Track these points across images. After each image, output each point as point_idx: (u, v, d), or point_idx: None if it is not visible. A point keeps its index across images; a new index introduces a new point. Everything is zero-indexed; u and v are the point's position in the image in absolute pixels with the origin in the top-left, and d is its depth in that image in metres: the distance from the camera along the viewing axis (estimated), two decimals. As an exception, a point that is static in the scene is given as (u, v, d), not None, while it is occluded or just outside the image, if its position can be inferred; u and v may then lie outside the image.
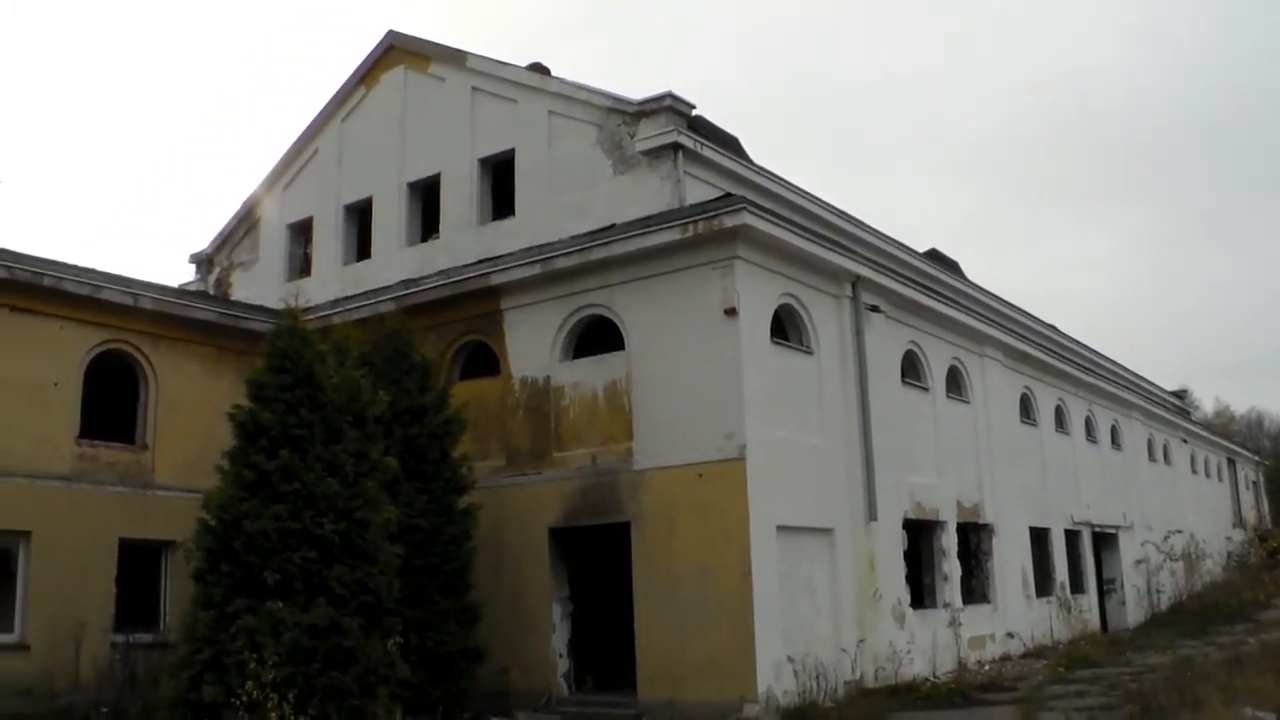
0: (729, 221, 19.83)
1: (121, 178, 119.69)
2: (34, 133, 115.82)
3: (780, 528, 20.22)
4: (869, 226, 29.53)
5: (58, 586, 21.10)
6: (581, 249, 21.66)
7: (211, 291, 31.27)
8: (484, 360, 23.60)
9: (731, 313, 20.05)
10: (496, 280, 22.74)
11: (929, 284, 28.59)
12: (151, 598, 23.08)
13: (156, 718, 17.78)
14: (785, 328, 21.99)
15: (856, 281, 23.27)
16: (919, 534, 25.49)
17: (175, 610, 21.65)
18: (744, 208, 19.91)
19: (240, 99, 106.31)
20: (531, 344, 22.54)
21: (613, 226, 21.92)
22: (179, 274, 37.16)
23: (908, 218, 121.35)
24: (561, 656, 21.59)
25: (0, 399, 21.02)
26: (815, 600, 21.13)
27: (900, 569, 23.94)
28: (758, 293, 20.75)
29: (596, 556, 22.35)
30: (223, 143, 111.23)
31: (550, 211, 24.37)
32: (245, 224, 31.78)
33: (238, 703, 12.76)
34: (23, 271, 21.52)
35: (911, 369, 26.19)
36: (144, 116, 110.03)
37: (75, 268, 22.72)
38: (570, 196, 24.27)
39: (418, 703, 17.13)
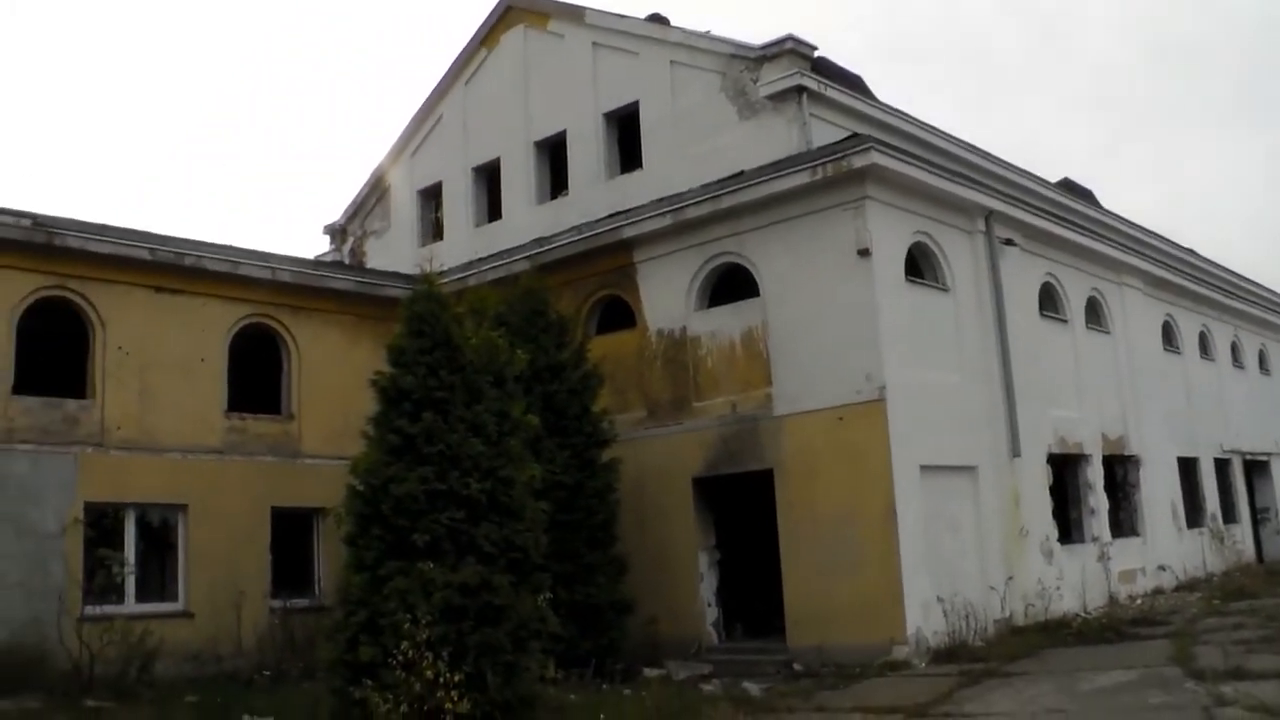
0: (857, 162, 19.66)
1: (248, 154, 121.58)
2: (165, 117, 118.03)
3: (923, 467, 20.07)
4: (999, 159, 28.99)
5: (216, 556, 21.80)
6: (711, 197, 21.63)
7: (346, 261, 31.79)
8: (619, 314, 23.70)
9: (865, 253, 19.90)
10: (628, 233, 22.81)
11: (1063, 214, 28.03)
12: (305, 563, 23.72)
13: (316, 679, 18.27)
14: (919, 266, 21.75)
15: (989, 215, 22.90)
16: (1063, 468, 25.14)
17: (329, 575, 22.18)
18: (872, 147, 19.70)
19: (357, 70, 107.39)
20: (666, 295, 22.58)
21: (741, 173, 21.83)
22: (314, 246, 37.81)
23: (1038, 149, 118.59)
24: (710, 605, 21.71)
25: (152, 377, 21.73)
26: (961, 539, 20.96)
27: (1046, 504, 23.65)
28: (890, 232, 20.56)
29: (740, 504, 22.36)
30: (344, 115, 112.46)
31: (678, 162, 24.30)
32: (375, 193, 32.21)
33: (394, 662, 12.97)
34: (165, 253, 22.15)
35: (1049, 301, 25.75)
36: (262, 96, 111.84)
37: (215, 245, 23.27)
38: (697, 146, 24.17)
39: (569, 656, 17.28)
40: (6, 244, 20.51)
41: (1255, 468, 36.30)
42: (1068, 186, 35.48)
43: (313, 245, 47.93)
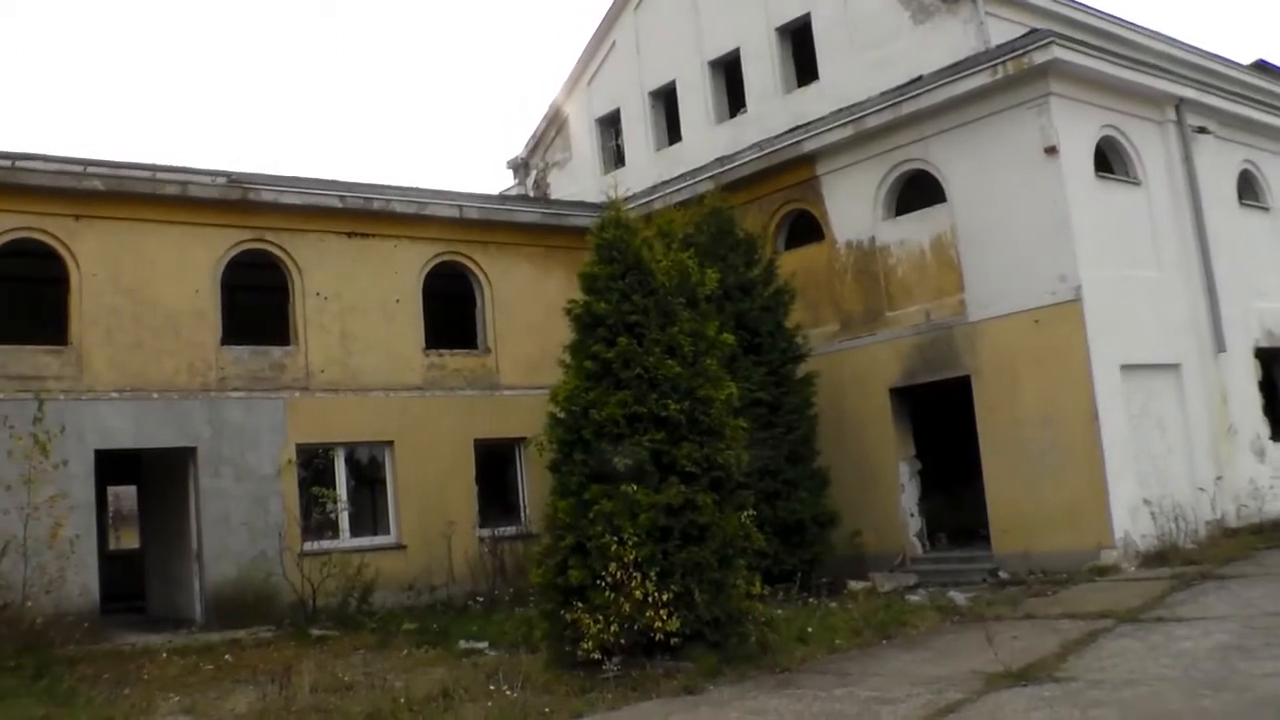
0: (1038, 58, 19.22)
1: (430, 93, 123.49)
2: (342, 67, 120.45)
3: (1124, 367, 19.70)
4: (1186, 45, 27.88)
5: (424, 489, 22.52)
6: (891, 104, 21.41)
7: (531, 194, 32.10)
8: (806, 228, 23.61)
9: (1052, 151, 19.50)
10: (809, 147, 22.68)
11: (1259, 98, 26.90)
12: (509, 493, 24.29)
13: (527, 603, 18.73)
14: (1109, 161, 21.23)
15: (1180, 104, 22.17)
16: (1272, 363, 24.33)
17: (533, 502, 22.77)
18: (1053, 41, 19.24)
19: (531, 2, 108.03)
20: (852, 206, 22.43)
21: (920, 78, 21.52)
22: (498, 181, 38.34)
23: (1227, 34, 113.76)
24: (912, 516, 21.66)
25: (352, 321, 22.47)
26: (1167, 439, 20.55)
27: (1255, 401, 23.02)
28: (1076, 128, 20.09)
29: (938, 413, 22.20)
30: (521, 48, 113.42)
31: (854, 71, 23.93)
32: (554, 124, 32.40)
33: (602, 584, 13.18)
34: (354, 199, 22.81)
35: (1248, 189, 24.85)
36: (440, 36, 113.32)
37: (402, 188, 23.86)
38: (872, 53, 23.77)
39: (774, 572, 17.42)
40: (205, 203, 21.47)
41: None
42: (1262, 68, 33.99)
43: (497, 180, 48.62)
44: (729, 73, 27.80)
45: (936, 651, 13.74)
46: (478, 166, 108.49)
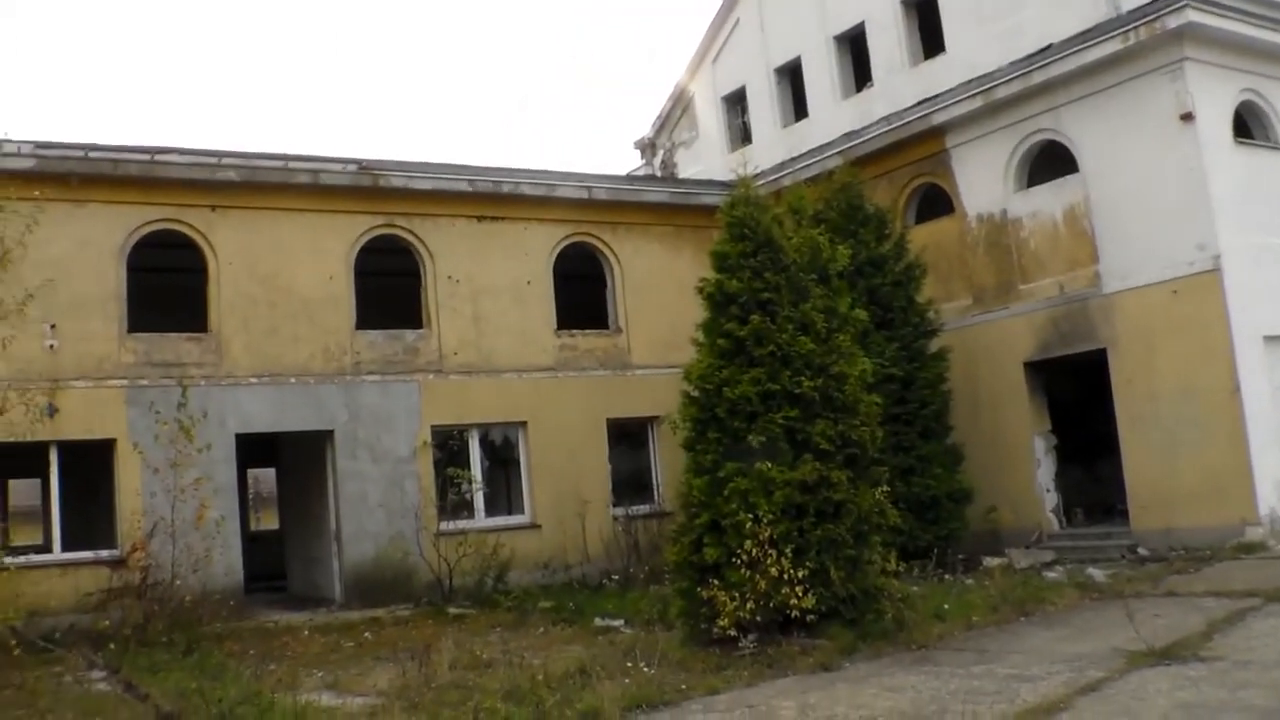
0: (1171, 22, 18.87)
1: (555, 75, 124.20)
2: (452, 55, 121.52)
3: (1267, 338, 19.32)
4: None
5: (557, 469, 22.77)
6: (1021, 74, 21.16)
7: (658, 173, 32.13)
8: (936, 201, 23.39)
9: (1188, 118, 19.15)
10: (938, 119, 22.49)
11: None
12: (642, 471, 24.39)
13: (662, 581, 18.82)
14: (1249, 126, 20.75)
15: (1324, 64, 21.48)
16: None
17: (666, 481, 22.86)
18: (1187, 4, 18.87)
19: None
20: (982, 178, 22.19)
21: (1049, 47, 21.18)
22: (625, 162, 38.56)
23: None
24: (1048, 491, 21.39)
25: (484, 303, 22.79)
26: (1316, 413, 19.95)
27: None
28: (1213, 92, 19.68)
29: (1073, 386, 21.89)
30: (646, 27, 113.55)
31: (981, 41, 23.52)
32: (680, 104, 32.36)
33: (738, 561, 13.20)
34: (483, 182, 23.11)
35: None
36: (565, 19, 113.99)
37: (530, 171, 24.08)
38: (1000, 23, 23.32)
39: (910, 548, 17.35)
40: (337, 190, 21.95)
41: None
42: None
43: (624, 161, 48.74)
44: (854, 46, 27.53)
45: (1076, 629, 13.57)
46: (601, 148, 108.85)
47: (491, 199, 23.25)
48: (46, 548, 20.91)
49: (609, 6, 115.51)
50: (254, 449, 23.19)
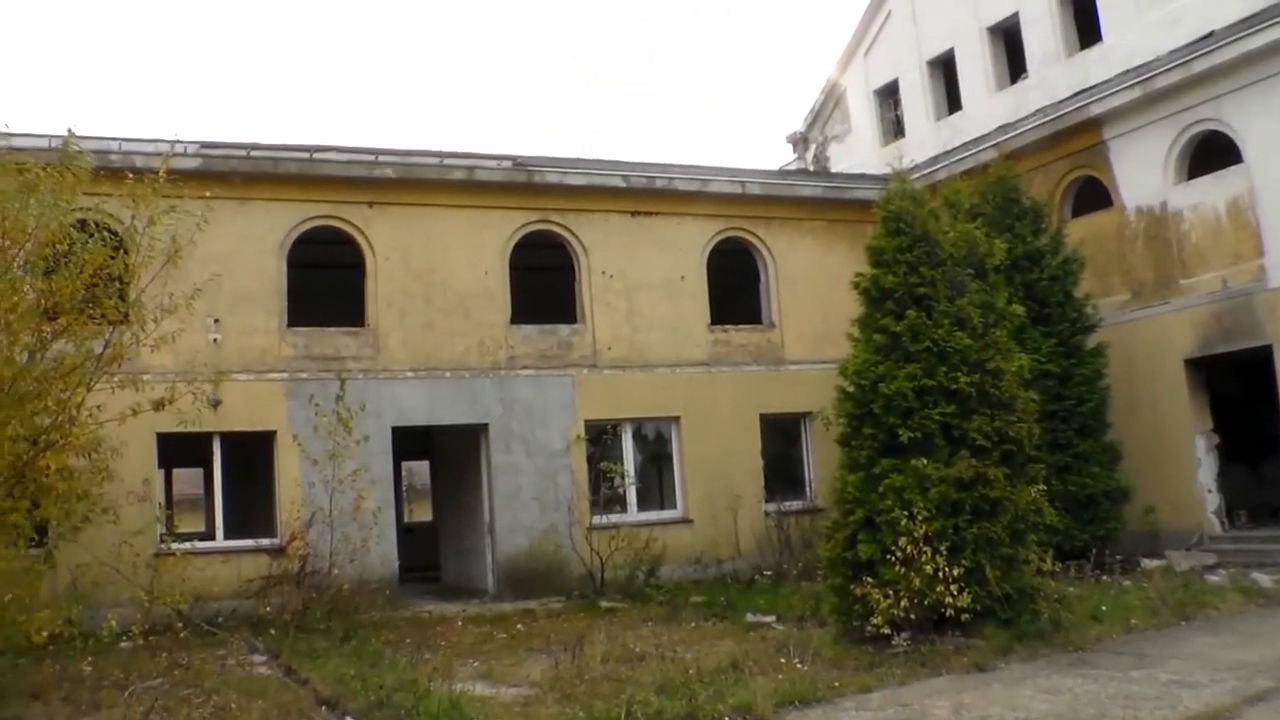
0: (1343, 4, 18.23)
1: (705, 69, 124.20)
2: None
3: None
4: None
5: (709, 464, 22.80)
6: (1181, 63, 20.64)
7: (810, 168, 31.99)
8: (1093, 194, 22.94)
9: (1359, 105, 18.46)
10: (1096, 110, 22.05)
11: None
12: (795, 467, 24.31)
13: (815, 578, 18.76)
14: None
15: None
16: None
17: (819, 476, 22.75)
18: (1359, -15, 18.18)
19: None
20: (1141, 170, 21.69)
21: (1211, 34, 20.62)
22: (777, 156, 38.50)
23: None
24: (1210, 492, 20.83)
25: (637, 298, 22.97)
26: None
27: None
28: (1392, 74, 18.94)
29: (1236, 385, 21.33)
30: (796, 19, 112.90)
31: (1139, 29, 22.95)
32: (832, 98, 32.18)
33: (892, 558, 13.15)
34: (637, 178, 23.27)
35: None
36: (715, 13, 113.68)
37: (683, 166, 24.23)
38: (1158, 10, 22.72)
39: (1066, 548, 17.12)
40: (491, 186, 22.27)
41: None
42: None
43: (776, 156, 48.58)
44: (1008, 37, 27.11)
45: (1241, 635, 13.29)
46: (747, 142, 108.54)
47: (645, 194, 23.39)
48: (209, 535, 21.54)
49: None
50: (407, 442, 23.55)
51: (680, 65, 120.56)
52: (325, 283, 22.11)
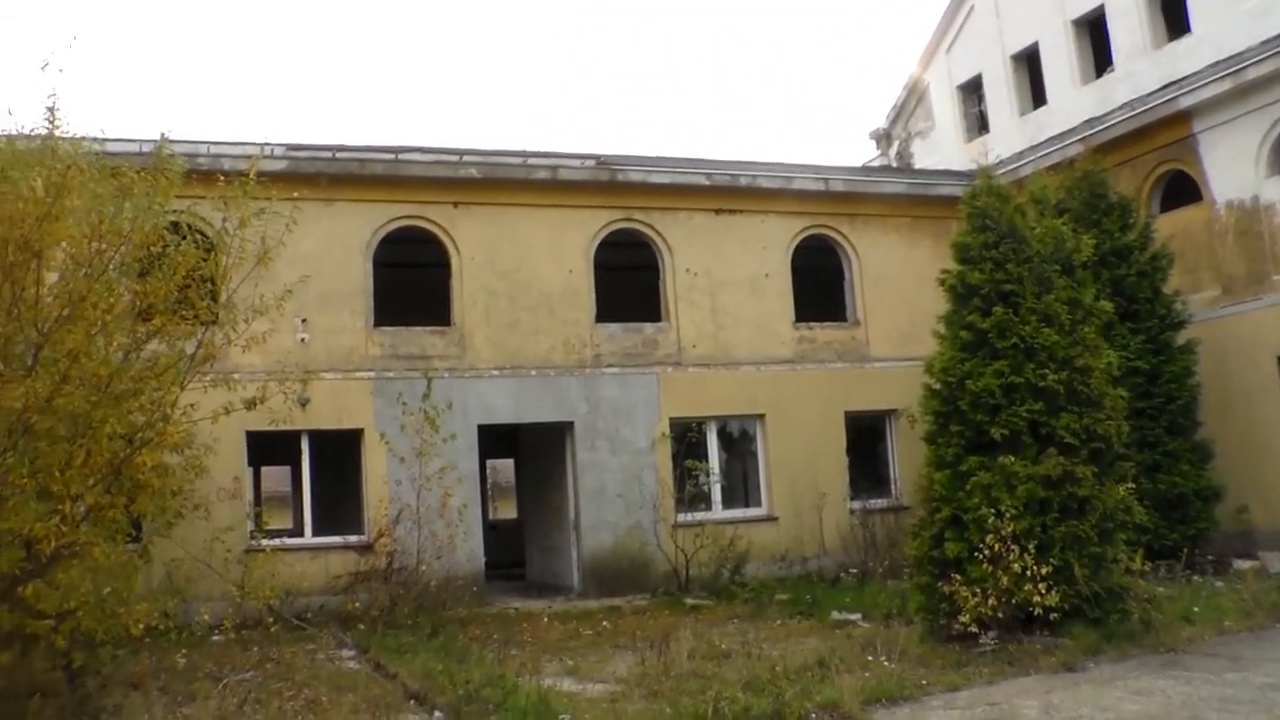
0: None
1: (788, 65, 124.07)
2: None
3: None
4: None
5: (794, 462, 22.74)
6: (1273, 54, 20.36)
7: (894, 164, 31.85)
8: (1182, 188, 22.60)
9: None
10: (1185, 103, 21.72)
11: None
12: (879, 465, 24.20)
13: (900, 576, 18.69)
14: None
15: None
16: None
17: (904, 474, 22.61)
18: None
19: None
20: (1232, 164, 21.32)
21: (1304, 25, 20.27)
22: (860, 153, 38.48)
23: None
24: (1305, 492, 20.45)
25: (722, 296, 22.99)
26: None
27: None
28: None
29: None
30: (879, 15, 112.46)
31: (1228, 20, 22.56)
32: (915, 94, 32.01)
33: (979, 556, 13.11)
34: (721, 175, 23.29)
35: None
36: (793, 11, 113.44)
37: (767, 164, 24.25)
38: (1247, 1, 22.44)
39: (1156, 547, 16.94)
40: (575, 185, 22.38)
41: None
42: None
43: (858, 152, 48.41)
44: (1093, 30, 26.79)
45: (1340, 638, 13.08)
46: (830, 140, 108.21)
47: (729, 192, 23.37)
48: (298, 532, 21.82)
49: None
50: (492, 440, 23.69)
51: (761, 63, 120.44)
52: (410, 282, 22.30)
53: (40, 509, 11.49)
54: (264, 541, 18.66)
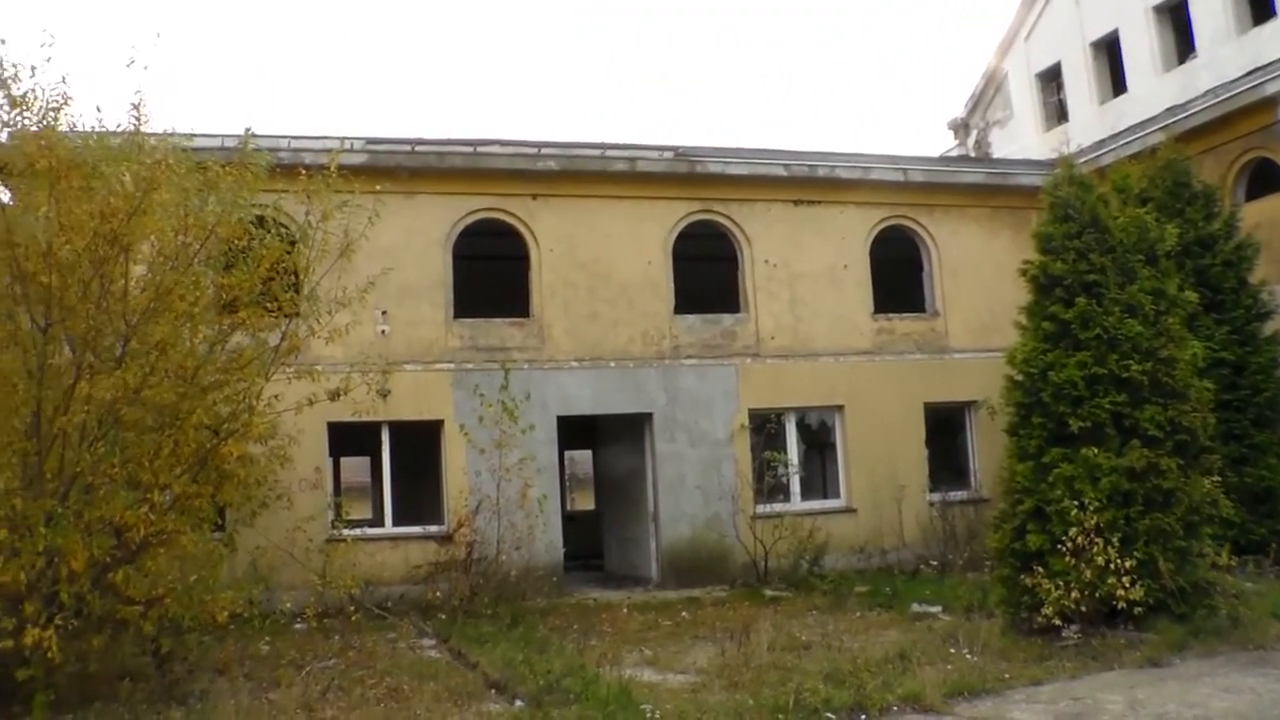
0: None
1: (861, 56, 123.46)
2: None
3: None
4: None
5: (873, 453, 22.65)
6: (1364, 38, 19.91)
7: (972, 154, 31.62)
8: (1268, 176, 22.23)
9: None
10: (1271, 89, 21.36)
11: None
12: (959, 457, 24.04)
13: (981, 569, 18.59)
14: None
15: None
16: None
17: (984, 466, 22.49)
18: None
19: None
20: (1321, 150, 20.96)
21: (1394, 9, 19.89)
22: (937, 143, 38.16)
23: None
24: (1395, 488, 20.05)
25: (800, 287, 22.93)
26: None
27: None
28: None
29: None
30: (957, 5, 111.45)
31: (1317, 4, 22.28)
32: (993, 83, 31.76)
33: (1063, 549, 13.02)
34: (799, 166, 23.27)
35: None
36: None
37: (845, 154, 24.15)
38: (1336, -17, 22.07)
39: (1242, 542, 16.69)
40: (653, 177, 22.39)
41: None
42: None
43: (936, 143, 48.19)
44: (1175, 16, 26.45)
45: None
46: (907, 130, 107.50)
47: (807, 183, 23.27)
48: (377, 522, 21.97)
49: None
50: (569, 431, 23.76)
51: (833, 56, 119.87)
52: (489, 274, 22.42)
53: (130, 498, 11.76)
54: (345, 531, 18.86)
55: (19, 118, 12.13)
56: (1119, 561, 12.76)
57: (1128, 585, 12.69)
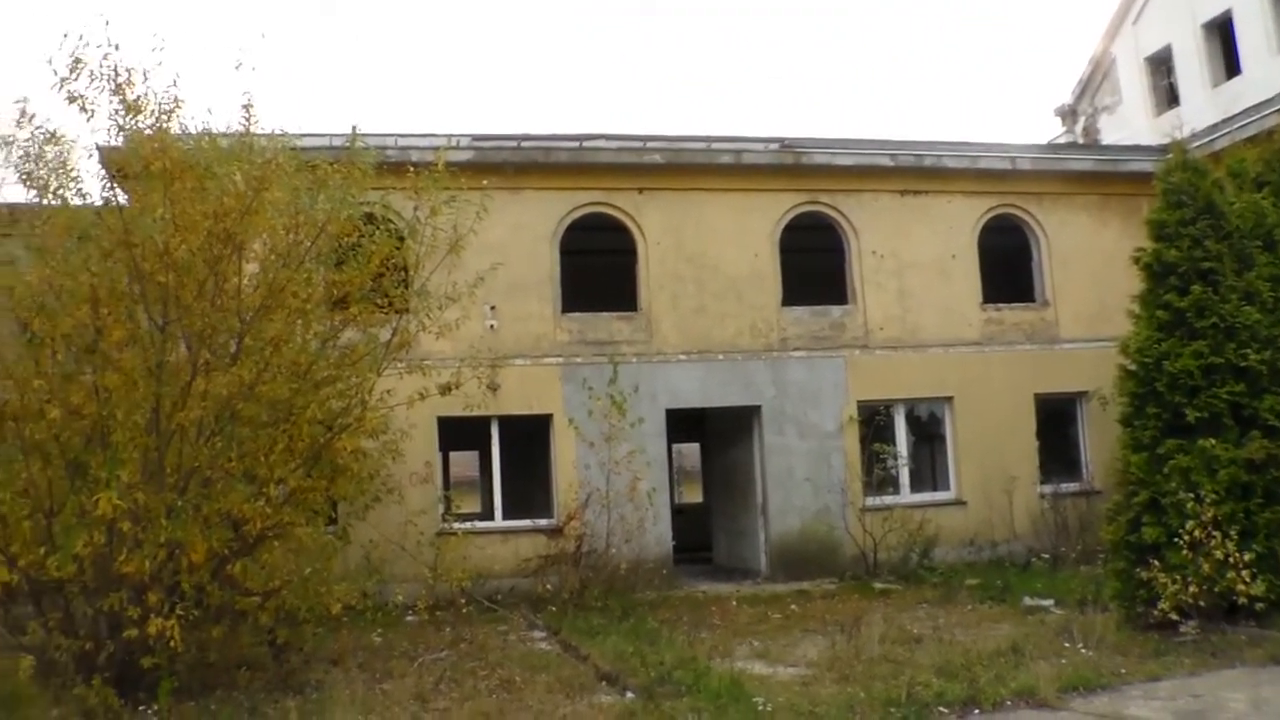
0: None
1: (965, 44, 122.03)
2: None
3: None
4: None
5: (983, 445, 22.44)
6: None
7: (1079, 140, 31.17)
8: (1392, 159, 21.64)
9: None
10: (1392, 68, 20.77)
11: None
12: (1069, 448, 23.69)
13: (1094, 561, 18.33)
14: None
15: None
16: None
17: (1095, 457, 22.19)
18: None
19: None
20: None
21: None
22: (1044, 130, 37.72)
23: None
24: None
25: (908, 278, 22.79)
26: None
27: None
28: None
29: None
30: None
31: None
32: (1100, 68, 31.24)
33: (1179, 542, 12.80)
34: (905, 156, 23.06)
35: None
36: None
37: (951, 143, 24.04)
38: None
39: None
40: (759, 169, 22.37)
41: None
42: None
43: (1042, 129, 47.54)
44: (1288, -6, 25.85)
45: None
46: (1013, 118, 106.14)
47: (913, 173, 23.10)
48: (488, 515, 22.21)
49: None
50: (677, 424, 23.80)
51: (938, 44, 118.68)
52: (596, 269, 22.49)
53: (246, 491, 11.99)
54: (455, 525, 19.08)
55: (134, 122, 12.38)
56: (1238, 555, 12.54)
57: (1248, 580, 12.47)
